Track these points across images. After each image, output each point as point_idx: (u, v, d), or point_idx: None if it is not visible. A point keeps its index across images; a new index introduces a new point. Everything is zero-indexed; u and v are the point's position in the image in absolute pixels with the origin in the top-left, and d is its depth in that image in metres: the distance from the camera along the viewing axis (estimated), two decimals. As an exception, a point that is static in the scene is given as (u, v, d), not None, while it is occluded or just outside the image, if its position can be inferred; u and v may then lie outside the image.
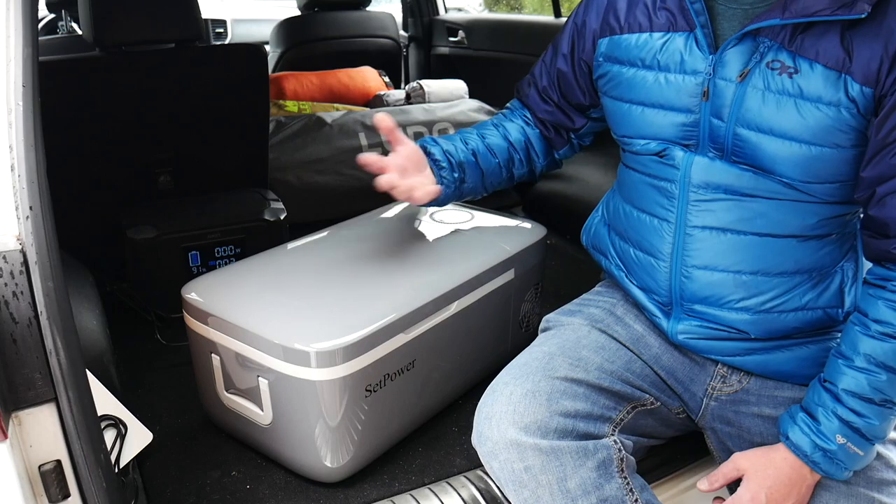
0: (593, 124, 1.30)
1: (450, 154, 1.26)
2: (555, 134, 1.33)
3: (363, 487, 1.23)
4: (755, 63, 0.97)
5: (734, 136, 0.99)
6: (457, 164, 1.26)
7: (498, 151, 1.31)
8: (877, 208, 0.95)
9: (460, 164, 1.27)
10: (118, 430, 0.99)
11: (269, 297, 1.23)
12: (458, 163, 1.26)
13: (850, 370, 0.96)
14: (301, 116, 2.48)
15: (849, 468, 0.98)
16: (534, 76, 1.31)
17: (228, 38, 4.54)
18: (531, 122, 1.34)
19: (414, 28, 3.54)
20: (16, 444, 0.78)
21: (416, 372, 1.26)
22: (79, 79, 1.82)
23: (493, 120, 1.36)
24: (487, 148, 1.30)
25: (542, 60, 1.30)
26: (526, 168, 1.35)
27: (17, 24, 0.79)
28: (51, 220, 0.78)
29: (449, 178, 1.24)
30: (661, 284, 1.11)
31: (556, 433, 0.99)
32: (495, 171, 1.32)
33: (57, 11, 3.59)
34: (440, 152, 1.25)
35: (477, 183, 1.31)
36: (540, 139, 1.34)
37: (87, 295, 1.38)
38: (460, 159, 1.27)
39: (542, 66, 1.29)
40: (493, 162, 1.31)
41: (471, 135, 1.31)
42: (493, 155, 1.31)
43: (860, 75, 0.91)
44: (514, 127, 1.33)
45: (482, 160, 1.30)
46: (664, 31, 1.05)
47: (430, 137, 1.30)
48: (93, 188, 1.89)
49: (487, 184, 1.33)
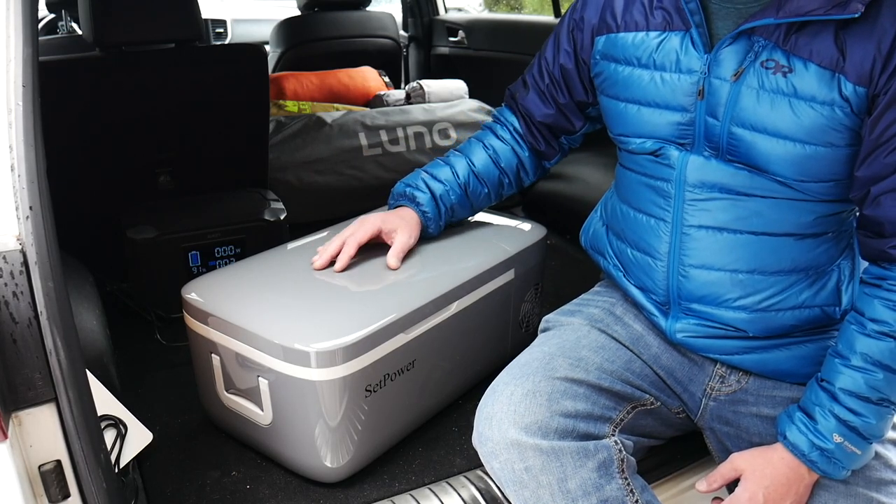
0: (589, 125, 1.30)
1: (441, 200, 1.32)
2: (546, 146, 1.33)
3: (363, 487, 1.23)
4: (750, 62, 0.97)
5: (729, 134, 1.00)
6: (446, 210, 1.33)
7: (487, 179, 1.34)
8: (872, 208, 0.95)
9: (451, 208, 1.34)
10: (118, 430, 0.99)
11: (269, 297, 1.23)
12: (448, 208, 1.33)
13: (847, 369, 0.96)
14: (301, 116, 2.48)
15: (846, 467, 0.98)
16: (532, 78, 1.29)
17: (228, 38, 4.54)
18: (522, 138, 1.34)
19: (414, 28, 3.54)
20: (16, 444, 0.78)
21: (416, 372, 1.26)
22: (79, 79, 1.82)
23: (483, 140, 1.36)
24: (477, 178, 1.34)
25: (540, 60, 1.28)
26: (515, 188, 1.39)
27: (17, 24, 0.79)
28: (51, 220, 0.78)
29: (434, 227, 1.33)
30: (659, 284, 1.11)
31: (557, 433, 0.99)
32: (483, 200, 1.38)
33: (57, 11, 3.59)
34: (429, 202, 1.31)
35: (465, 213, 1.39)
36: (530, 158, 1.35)
37: (87, 295, 1.38)
38: (451, 203, 1.33)
39: (543, 65, 1.27)
40: (482, 192, 1.35)
41: (459, 161, 1.34)
42: (483, 184, 1.34)
43: (854, 74, 0.91)
44: (505, 149, 1.34)
45: (472, 193, 1.34)
46: (660, 31, 1.05)
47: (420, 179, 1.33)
48: (93, 188, 1.89)
49: (475, 210, 1.40)
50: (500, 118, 1.37)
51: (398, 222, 1.31)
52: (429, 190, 1.31)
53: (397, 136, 2.49)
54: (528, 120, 1.32)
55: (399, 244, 1.29)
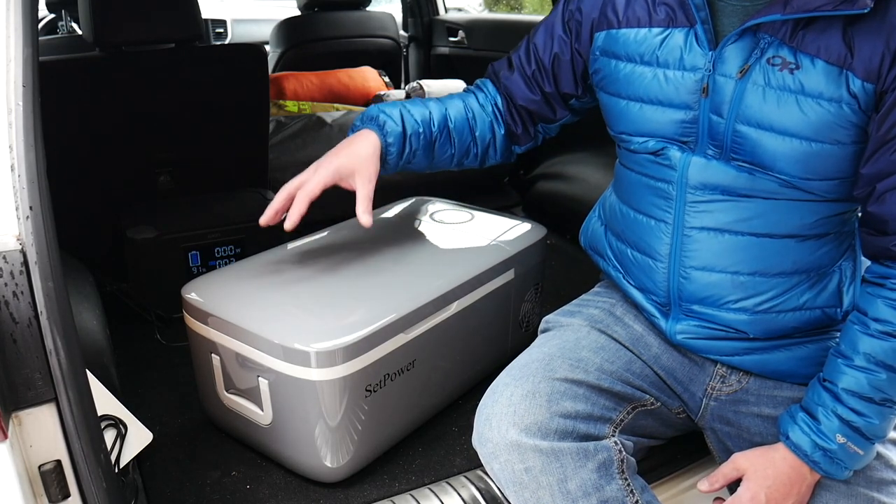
0: (570, 116, 1.27)
1: (409, 140, 1.21)
2: (522, 130, 1.29)
3: (363, 487, 1.23)
4: (755, 59, 0.97)
5: (734, 132, 0.99)
6: (409, 152, 1.22)
7: (458, 140, 1.26)
8: (876, 205, 0.94)
9: (414, 151, 1.23)
10: (118, 430, 0.99)
11: (269, 297, 1.23)
12: (411, 151, 1.22)
13: (849, 369, 0.96)
14: (301, 116, 2.48)
15: (849, 467, 0.98)
16: (519, 60, 1.25)
17: (228, 38, 4.55)
18: (501, 115, 1.28)
19: (414, 28, 3.54)
20: (16, 444, 0.78)
21: (416, 372, 1.26)
22: (79, 79, 1.82)
23: (465, 101, 1.28)
24: (449, 135, 1.25)
25: (529, 45, 1.24)
26: (477, 162, 1.31)
27: (17, 24, 0.78)
28: (51, 220, 0.78)
29: (392, 164, 1.22)
30: (659, 285, 1.11)
31: (557, 434, 0.99)
32: (445, 160, 1.28)
33: (57, 11, 3.59)
34: (398, 136, 1.20)
35: (422, 166, 1.27)
36: (503, 139, 1.30)
37: (87, 295, 1.38)
38: (416, 147, 1.22)
39: (532, 51, 1.23)
40: (447, 151, 1.26)
41: (438, 110, 1.24)
42: (451, 144, 1.26)
43: (862, 71, 0.91)
44: (483, 120, 1.27)
45: (438, 147, 1.25)
46: (663, 27, 1.04)
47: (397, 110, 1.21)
48: (93, 188, 1.89)
49: (431, 167, 1.29)
50: (483, 88, 1.31)
51: (354, 163, 1.18)
52: (402, 123, 1.21)
53: (397, 136, 2.48)
54: (509, 100, 1.28)
55: (364, 196, 1.18)
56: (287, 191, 1.20)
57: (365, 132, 1.21)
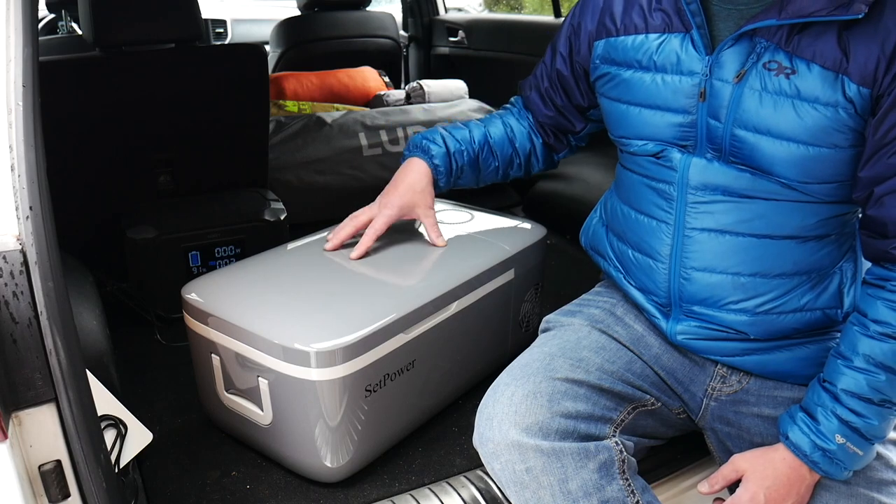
0: (592, 126, 1.31)
1: (454, 157, 1.30)
2: (555, 140, 1.35)
3: (363, 487, 1.23)
4: (752, 64, 0.97)
5: (732, 136, 0.99)
6: (457, 168, 1.31)
7: (500, 153, 1.34)
8: (875, 208, 0.95)
9: (461, 167, 1.31)
10: (118, 430, 0.99)
11: (269, 297, 1.23)
12: (458, 167, 1.31)
13: (849, 370, 0.96)
14: (301, 116, 2.48)
15: (848, 468, 0.98)
16: (536, 78, 1.32)
17: (228, 38, 4.55)
18: (535, 127, 1.36)
19: (414, 28, 3.54)
20: (16, 444, 0.78)
21: (416, 372, 1.26)
22: (79, 79, 1.82)
23: (502, 118, 1.37)
24: (491, 148, 1.33)
25: (542, 62, 1.30)
26: (522, 171, 1.39)
27: (17, 24, 0.78)
28: (51, 220, 0.78)
29: (444, 182, 1.31)
30: (660, 286, 1.11)
31: (558, 434, 0.99)
32: (491, 173, 1.36)
33: (57, 11, 3.59)
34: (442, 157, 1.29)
35: (471, 180, 1.36)
36: (543, 148, 1.37)
37: (87, 295, 1.38)
38: (463, 163, 1.31)
39: (543, 68, 1.30)
40: (492, 164, 1.34)
41: (477, 129, 1.34)
42: (495, 157, 1.34)
43: (857, 75, 0.91)
44: (522, 132, 1.35)
45: (483, 161, 1.33)
46: (660, 33, 1.05)
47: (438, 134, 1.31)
48: (93, 188, 1.89)
49: (481, 180, 1.38)
50: (516, 104, 1.40)
51: (414, 199, 1.30)
52: (444, 144, 1.30)
53: (397, 136, 2.49)
54: (534, 115, 1.35)
55: (430, 224, 1.34)
56: (354, 226, 1.33)
57: (414, 161, 1.31)
